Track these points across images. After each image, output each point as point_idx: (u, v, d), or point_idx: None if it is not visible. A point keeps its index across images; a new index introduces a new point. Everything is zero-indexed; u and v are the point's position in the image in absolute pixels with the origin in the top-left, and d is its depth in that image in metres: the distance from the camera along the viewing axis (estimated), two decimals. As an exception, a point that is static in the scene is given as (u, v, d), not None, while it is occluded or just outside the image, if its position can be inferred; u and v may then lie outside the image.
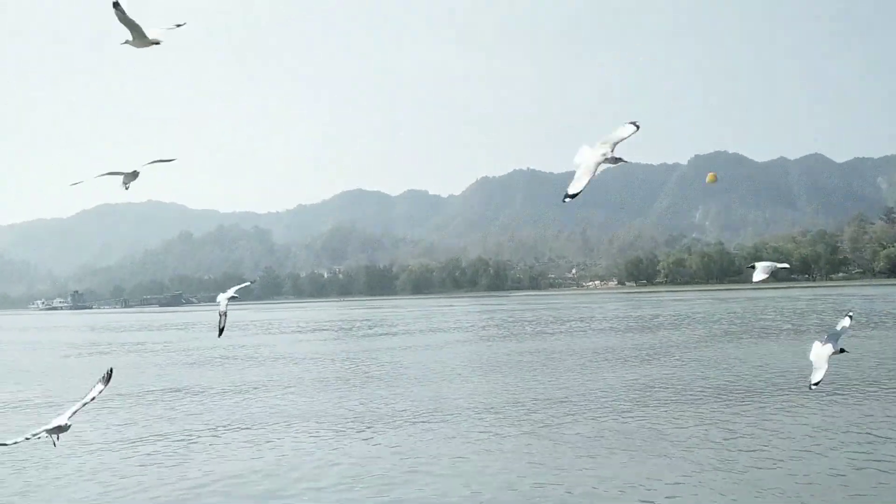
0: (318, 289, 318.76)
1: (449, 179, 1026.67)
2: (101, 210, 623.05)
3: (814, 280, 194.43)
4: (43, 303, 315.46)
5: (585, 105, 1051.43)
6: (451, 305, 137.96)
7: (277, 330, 74.34)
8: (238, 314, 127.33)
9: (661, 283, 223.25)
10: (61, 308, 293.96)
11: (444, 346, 45.44)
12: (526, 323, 68.83)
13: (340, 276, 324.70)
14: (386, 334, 59.58)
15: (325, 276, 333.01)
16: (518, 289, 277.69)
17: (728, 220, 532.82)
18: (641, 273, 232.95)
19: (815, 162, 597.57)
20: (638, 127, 5.85)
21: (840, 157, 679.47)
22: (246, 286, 10.10)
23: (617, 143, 5.78)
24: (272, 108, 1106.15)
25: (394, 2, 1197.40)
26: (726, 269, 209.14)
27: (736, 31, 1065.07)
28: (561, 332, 55.30)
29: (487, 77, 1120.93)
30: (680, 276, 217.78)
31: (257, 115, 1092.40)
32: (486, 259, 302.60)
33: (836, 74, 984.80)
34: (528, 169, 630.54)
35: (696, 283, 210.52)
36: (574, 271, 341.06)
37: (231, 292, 8.74)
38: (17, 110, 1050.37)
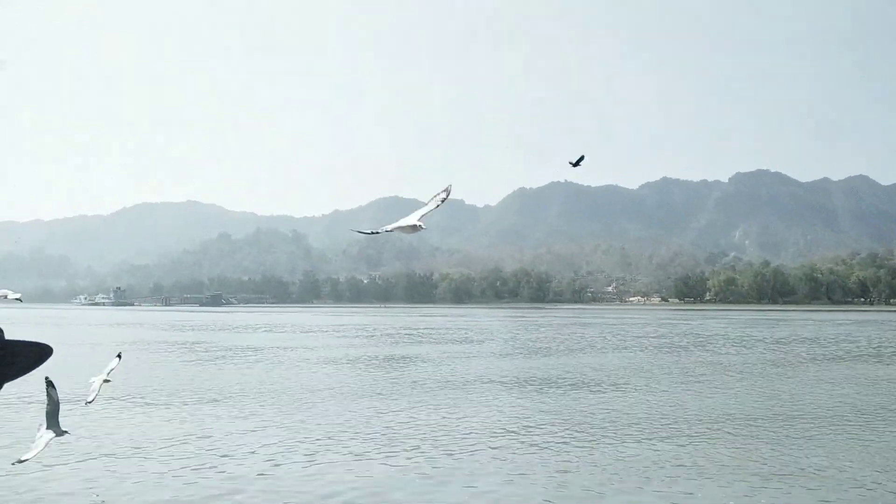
0: (356, 294, 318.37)
1: (485, 189, 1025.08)
2: (140, 208, 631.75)
3: (871, 304, 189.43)
4: (86, 298, 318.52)
5: (626, 118, 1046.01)
6: (523, 317, 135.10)
7: (381, 334, 72.76)
8: (302, 317, 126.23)
9: (709, 301, 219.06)
10: (104, 304, 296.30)
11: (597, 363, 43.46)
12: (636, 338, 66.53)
13: (379, 282, 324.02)
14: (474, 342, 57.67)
15: (364, 281, 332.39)
16: (559, 301, 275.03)
17: (768, 240, 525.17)
18: (690, 290, 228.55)
19: (860, 183, 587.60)
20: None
21: (885, 179, 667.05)
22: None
23: None
24: (311, 114, 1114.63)
25: (435, 11, 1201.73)
26: (780, 289, 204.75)
27: (783, 49, 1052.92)
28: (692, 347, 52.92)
29: (526, 87, 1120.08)
30: (730, 294, 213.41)
31: (296, 120, 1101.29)
32: (528, 270, 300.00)
33: (884, 96, 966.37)
34: (565, 181, 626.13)
35: (748, 302, 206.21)
36: (613, 286, 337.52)
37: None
38: (59, 111, 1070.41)
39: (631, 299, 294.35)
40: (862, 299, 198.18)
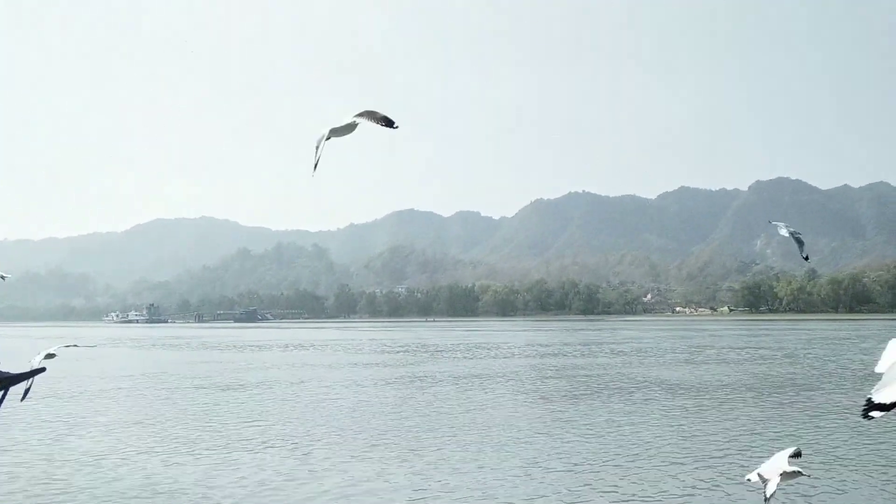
0: (394, 308, 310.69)
1: (501, 201, 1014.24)
2: (154, 225, 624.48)
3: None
4: (118, 315, 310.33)
5: (645, 129, 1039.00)
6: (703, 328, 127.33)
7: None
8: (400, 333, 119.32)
9: (778, 311, 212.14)
10: (137, 321, 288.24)
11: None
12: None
13: (419, 295, 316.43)
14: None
15: (402, 295, 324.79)
16: (608, 313, 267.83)
17: (792, 248, 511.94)
18: (758, 300, 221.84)
19: (882, 189, 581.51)
20: None
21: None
22: None
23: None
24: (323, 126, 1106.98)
25: (450, 23, 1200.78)
26: (858, 297, 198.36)
27: (798, 57, 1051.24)
28: None
29: (542, 98, 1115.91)
30: (802, 303, 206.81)
31: (309, 134, 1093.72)
32: (576, 282, 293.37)
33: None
34: (583, 192, 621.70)
35: (822, 311, 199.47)
36: (649, 296, 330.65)
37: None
38: (71, 127, 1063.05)
39: (679, 310, 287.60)
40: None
